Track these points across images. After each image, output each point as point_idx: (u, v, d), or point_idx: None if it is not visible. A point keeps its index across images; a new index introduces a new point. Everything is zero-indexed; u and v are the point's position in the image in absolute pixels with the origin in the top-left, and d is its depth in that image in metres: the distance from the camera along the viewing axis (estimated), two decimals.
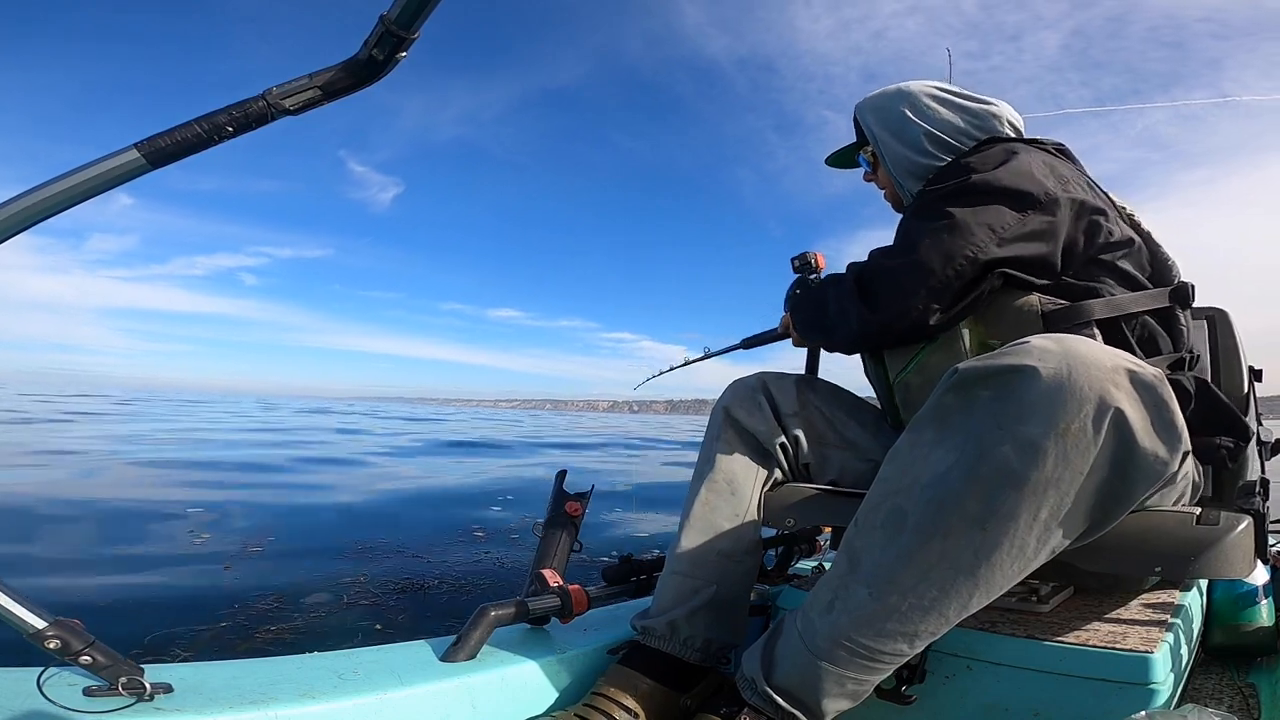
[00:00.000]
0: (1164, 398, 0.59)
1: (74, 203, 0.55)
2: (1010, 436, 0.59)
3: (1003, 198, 0.85)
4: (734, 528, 0.99)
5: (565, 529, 1.14)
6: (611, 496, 4.80)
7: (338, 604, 2.20)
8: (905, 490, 0.66)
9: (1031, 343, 0.62)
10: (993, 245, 0.84)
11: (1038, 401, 0.58)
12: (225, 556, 2.74)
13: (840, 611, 0.69)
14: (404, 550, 3.00)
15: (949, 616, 0.65)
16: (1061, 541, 0.61)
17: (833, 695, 0.70)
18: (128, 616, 1.97)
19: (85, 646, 0.62)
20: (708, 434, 1.06)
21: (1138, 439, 0.58)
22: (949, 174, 0.93)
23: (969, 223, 0.84)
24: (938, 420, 0.65)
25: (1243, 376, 1.00)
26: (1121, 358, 0.60)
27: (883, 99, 1.06)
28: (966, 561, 0.62)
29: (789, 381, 1.09)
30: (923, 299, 0.86)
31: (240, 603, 2.14)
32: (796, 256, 1.27)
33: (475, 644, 0.89)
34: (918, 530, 0.64)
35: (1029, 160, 0.87)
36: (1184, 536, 0.70)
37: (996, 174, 0.86)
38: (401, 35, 0.55)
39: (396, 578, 2.54)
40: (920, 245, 0.86)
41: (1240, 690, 0.92)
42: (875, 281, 0.90)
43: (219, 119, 0.55)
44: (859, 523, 0.71)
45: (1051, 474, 0.58)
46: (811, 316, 1.07)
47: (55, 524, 3.25)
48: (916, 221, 0.90)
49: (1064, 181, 0.87)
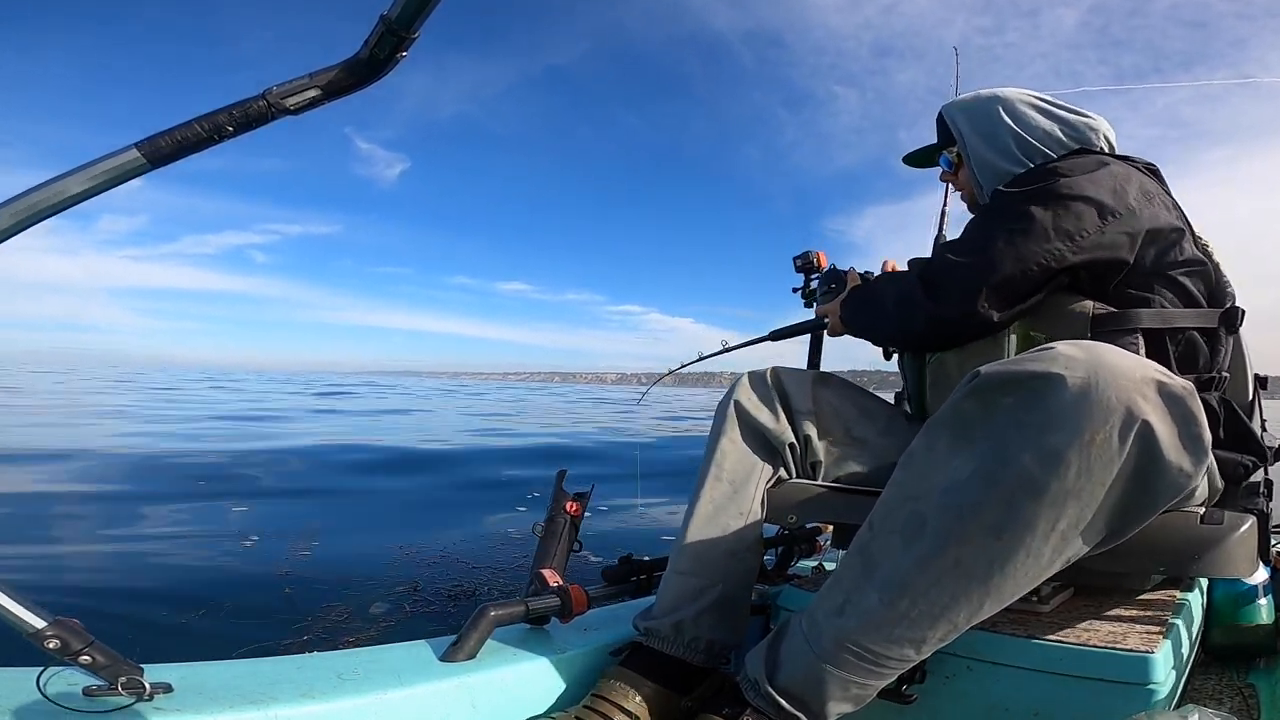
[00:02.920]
0: (1192, 410, 0.58)
1: (74, 202, 0.55)
2: (1033, 445, 0.58)
3: (1086, 205, 0.85)
4: (738, 526, 0.98)
5: (565, 529, 1.14)
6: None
7: (400, 612, 2.14)
8: (923, 496, 0.65)
9: (1058, 349, 0.60)
10: (1069, 252, 0.85)
11: (1063, 411, 0.57)
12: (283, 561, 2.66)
13: (850, 615, 0.68)
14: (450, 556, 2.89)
15: (958, 624, 0.64)
16: (1079, 550, 0.61)
17: (836, 699, 0.70)
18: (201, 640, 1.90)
19: (85, 646, 0.62)
20: (714, 427, 1.05)
21: (1164, 451, 0.56)
22: (1033, 177, 0.92)
23: (1047, 227, 0.85)
24: (956, 425, 0.64)
25: (1249, 385, 1.01)
26: (1150, 368, 0.59)
27: (976, 102, 1.06)
28: (981, 570, 0.61)
29: (803, 376, 1.08)
30: (988, 298, 0.87)
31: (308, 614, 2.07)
32: (799, 255, 1.28)
33: (475, 644, 0.89)
34: (935, 537, 0.63)
35: (1118, 173, 0.88)
36: (1188, 535, 0.70)
37: (1082, 181, 0.87)
38: (402, 34, 0.55)
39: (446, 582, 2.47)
40: (994, 245, 0.87)
41: (1240, 690, 0.92)
42: (942, 277, 0.91)
43: (219, 118, 0.55)
44: (874, 526, 0.70)
45: (1073, 485, 0.57)
46: (867, 309, 1.07)
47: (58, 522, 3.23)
48: (992, 220, 0.90)
49: (1148, 197, 0.88)
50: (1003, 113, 1.02)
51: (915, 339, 1.02)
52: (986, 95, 1.05)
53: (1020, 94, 1.04)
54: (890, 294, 1.01)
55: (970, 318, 0.88)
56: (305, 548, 2.84)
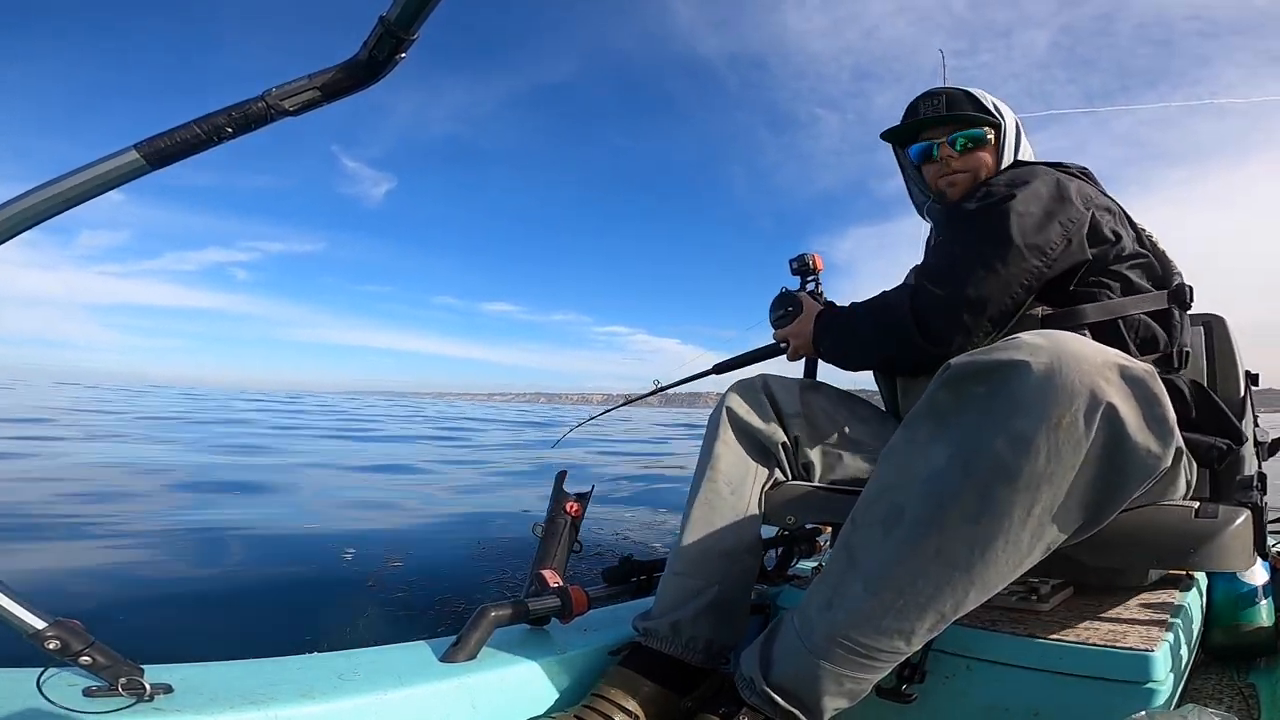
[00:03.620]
0: (1155, 392, 0.60)
1: (73, 204, 0.55)
2: (1003, 430, 0.59)
3: (1047, 219, 0.88)
4: (735, 527, 0.99)
5: (565, 529, 1.14)
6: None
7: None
8: (902, 486, 0.66)
9: (1022, 339, 0.63)
10: (1044, 267, 0.88)
11: (1029, 396, 0.59)
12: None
13: (838, 609, 0.69)
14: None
15: (945, 614, 0.65)
16: (1057, 537, 0.62)
17: (831, 694, 0.70)
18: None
19: (85, 647, 0.62)
20: (708, 433, 1.06)
21: (1130, 433, 0.58)
22: (986, 195, 0.94)
23: (1021, 247, 0.87)
24: (932, 416, 0.66)
25: (1239, 381, 1.01)
26: (1111, 354, 0.61)
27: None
28: (962, 558, 0.62)
29: (791, 383, 1.10)
30: (984, 329, 0.90)
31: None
32: (794, 259, 1.27)
33: (475, 644, 0.89)
34: (914, 526, 0.64)
35: (1059, 182, 0.91)
36: (1183, 530, 0.70)
37: (1040, 196, 0.89)
38: (401, 36, 0.55)
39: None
40: (974, 274, 0.89)
41: (1240, 690, 0.92)
42: (934, 317, 0.91)
43: (218, 120, 0.55)
44: (855, 520, 0.71)
45: (1044, 468, 0.58)
46: (850, 339, 1.07)
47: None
48: (963, 244, 0.92)
49: (1088, 200, 0.91)
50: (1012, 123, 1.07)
51: (904, 369, 1.04)
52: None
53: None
54: (876, 325, 1.00)
55: (962, 350, 0.88)
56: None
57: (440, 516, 3.78)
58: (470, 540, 3.16)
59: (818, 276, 1.27)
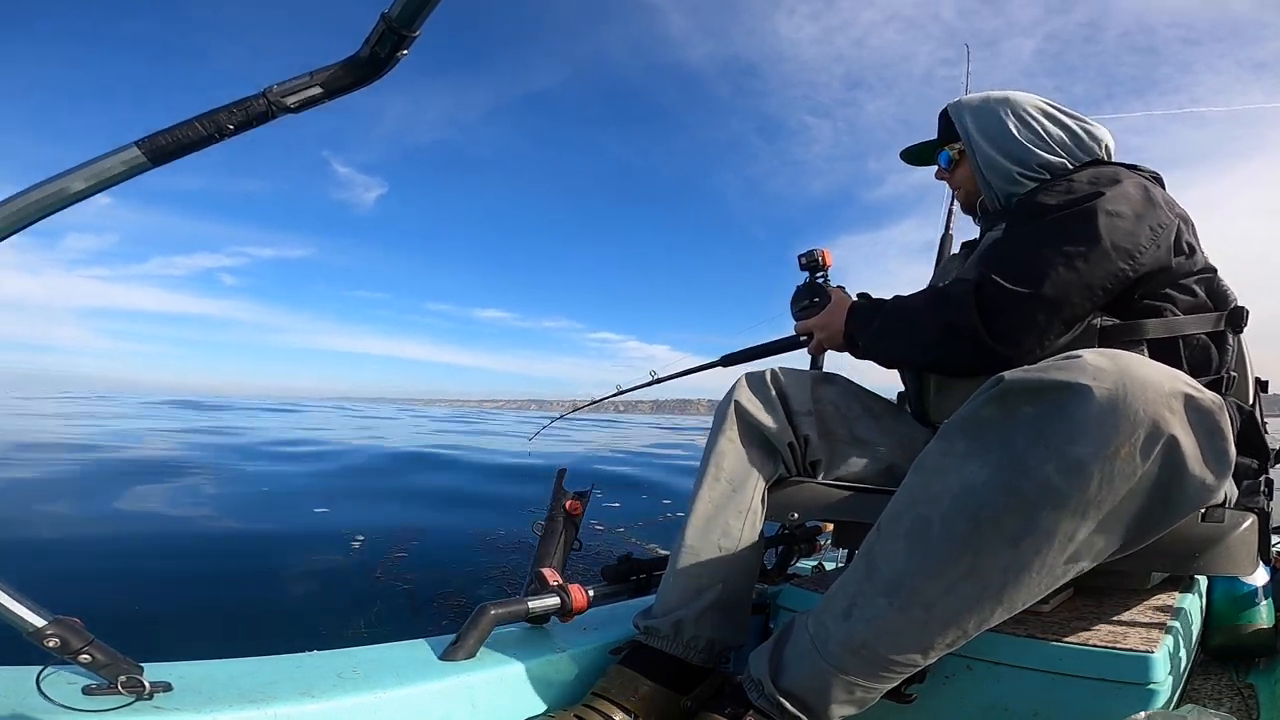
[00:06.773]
0: (1220, 425, 0.57)
1: (74, 200, 0.55)
2: (1056, 456, 0.57)
3: (1136, 221, 0.85)
4: (737, 526, 0.98)
5: (565, 528, 1.14)
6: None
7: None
8: (933, 500, 0.65)
9: (1086, 358, 0.59)
10: (1130, 271, 0.84)
11: (1089, 422, 0.56)
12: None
13: (858, 619, 0.68)
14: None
15: (968, 630, 0.64)
16: (1092, 561, 0.60)
17: (841, 702, 0.70)
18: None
19: (84, 645, 0.62)
20: (714, 427, 1.04)
21: (1188, 466, 0.56)
22: (1071, 191, 0.90)
23: (1108, 248, 0.83)
24: (973, 431, 0.64)
25: (1249, 387, 1.01)
26: (1180, 381, 0.58)
27: (986, 103, 1.07)
28: (996, 578, 0.61)
29: (804, 376, 1.07)
30: (1056, 331, 0.85)
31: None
32: (804, 254, 1.25)
33: (475, 643, 0.89)
34: (946, 543, 0.63)
35: (1144, 184, 0.89)
36: (1189, 534, 0.70)
37: (1123, 195, 0.86)
38: (403, 33, 0.55)
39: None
40: (1054, 270, 0.84)
41: (1240, 691, 0.92)
42: (1007, 313, 0.86)
43: (220, 117, 0.55)
44: (881, 529, 0.70)
45: (1094, 496, 0.56)
46: (900, 334, 1.00)
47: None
48: (1043, 240, 0.87)
49: (1169, 206, 0.89)
50: (1011, 115, 1.03)
51: (960, 369, 0.97)
52: (997, 97, 1.06)
53: (1029, 98, 1.04)
54: (936, 318, 0.93)
55: (1034, 353, 0.85)
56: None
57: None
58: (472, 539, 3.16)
59: (827, 272, 1.25)
